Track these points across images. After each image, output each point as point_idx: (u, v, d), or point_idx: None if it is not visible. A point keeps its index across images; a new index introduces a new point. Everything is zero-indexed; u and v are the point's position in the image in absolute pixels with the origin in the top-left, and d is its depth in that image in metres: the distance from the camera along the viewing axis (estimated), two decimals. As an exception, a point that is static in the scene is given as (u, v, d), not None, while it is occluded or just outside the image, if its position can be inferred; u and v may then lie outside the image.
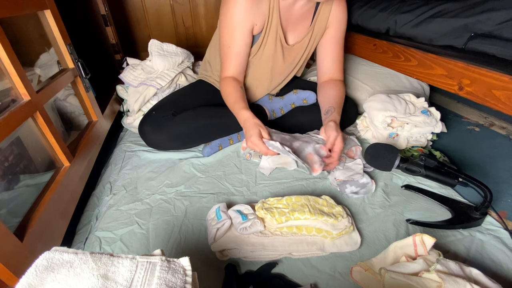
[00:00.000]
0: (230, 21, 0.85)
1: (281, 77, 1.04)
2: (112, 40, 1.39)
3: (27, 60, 0.72)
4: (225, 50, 0.90)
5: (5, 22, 0.58)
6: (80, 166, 0.78)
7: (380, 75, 1.20)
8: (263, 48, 0.93)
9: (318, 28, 0.95)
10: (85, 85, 0.93)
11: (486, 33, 0.67)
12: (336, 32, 0.96)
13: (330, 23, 0.95)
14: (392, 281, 0.48)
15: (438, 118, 0.95)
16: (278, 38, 0.91)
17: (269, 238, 0.62)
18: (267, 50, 0.93)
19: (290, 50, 0.96)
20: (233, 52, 0.89)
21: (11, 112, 0.55)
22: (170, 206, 0.77)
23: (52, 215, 0.61)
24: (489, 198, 0.63)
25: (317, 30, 0.95)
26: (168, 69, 1.17)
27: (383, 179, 0.84)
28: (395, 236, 0.66)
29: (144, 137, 0.98)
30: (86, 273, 0.32)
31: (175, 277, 0.33)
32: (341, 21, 0.95)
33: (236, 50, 0.89)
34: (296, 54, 0.99)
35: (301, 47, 0.97)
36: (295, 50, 0.97)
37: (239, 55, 0.90)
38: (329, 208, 0.65)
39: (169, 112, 0.97)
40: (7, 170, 0.58)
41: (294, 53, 0.98)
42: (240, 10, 0.83)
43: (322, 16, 0.93)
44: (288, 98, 1.04)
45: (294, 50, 0.97)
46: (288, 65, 1.01)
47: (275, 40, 0.91)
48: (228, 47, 0.89)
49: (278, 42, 0.92)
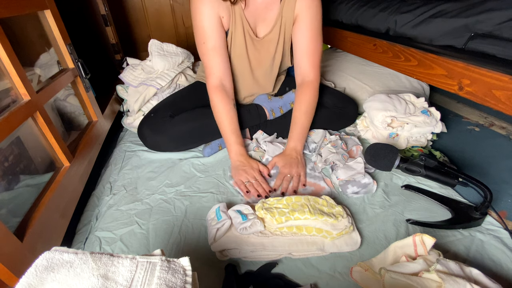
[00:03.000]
0: (199, 17, 0.85)
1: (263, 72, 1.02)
2: (112, 40, 1.39)
3: (27, 60, 0.72)
4: (202, 48, 0.89)
5: (5, 22, 0.58)
6: (80, 166, 0.78)
7: (380, 75, 1.20)
8: (235, 43, 0.91)
9: (287, 17, 0.90)
10: (85, 85, 0.93)
11: (486, 33, 0.67)
12: (304, 19, 0.89)
13: (299, 10, 0.89)
14: (392, 281, 0.48)
15: (438, 118, 0.95)
16: (246, 31, 0.90)
17: (269, 238, 0.62)
18: (238, 44, 0.92)
19: (261, 43, 0.94)
20: (209, 46, 0.87)
21: (11, 112, 0.55)
22: (170, 206, 0.77)
23: (52, 215, 0.61)
24: (489, 198, 0.63)
25: (286, 18, 0.90)
26: (168, 69, 1.17)
27: (383, 179, 0.84)
28: (395, 236, 0.66)
29: (143, 139, 0.98)
30: (86, 273, 0.32)
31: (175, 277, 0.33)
32: (310, 7, 0.88)
33: (212, 43, 0.86)
34: (268, 46, 0.95)
35: (272, 38, 0.94)
36: (267, 42, 0.94)
37: (216, 50, 0.87)
38: (329, 208, 0.65)
39: (167, 114, 0.97)
40: (7, 170, 0.58)
41: (266, 45, 0.95)
42: (204, 3, 0.83)
43: (289, 3, 0.89)
44: (287, 97, 1.04)
45: (266, 42, 0.95)
46: (265, 59, 0.98)
47: (243, 32, 0.90)
48: (203, 43, 0.87)
49: (247, 35, 0.91)
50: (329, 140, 0.96)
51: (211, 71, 0.89)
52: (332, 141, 0.94)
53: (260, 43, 0.94)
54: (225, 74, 0.90)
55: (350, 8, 1.15)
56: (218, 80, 0.89)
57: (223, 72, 0.90)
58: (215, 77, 0.89)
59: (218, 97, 0.88)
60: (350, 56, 1.33)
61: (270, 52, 0.97)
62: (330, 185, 0.82)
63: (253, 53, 0.96)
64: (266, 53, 0.97)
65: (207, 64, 0.89)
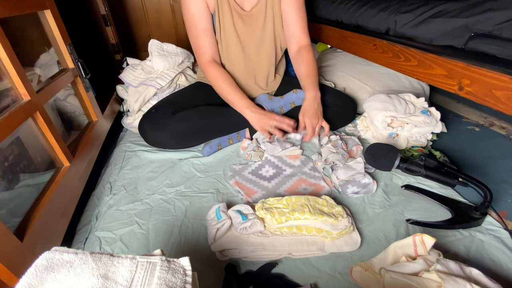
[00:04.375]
0: (188, 4, 0.92)
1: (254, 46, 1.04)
2: (112, 40, 1.39)
3: (27, 60, 0.72)
4: (192, 31, 0.95)
5: (5, 22, 0.58)
6: (80, 166, 0.78)
7: (380, 75, 1.20)
8: (223, 22, 0.96)
9: None
10: (85, 85, 0.93)
11: (486, 33, 0.67)
12: None
13: None
14: (392, 281, 0.48)
15: (438, 118, 0.95)
16: (232, 8, 0.95)
17: (269, 238, 0.62)
18: (226, 22, 0.96)
19: (250, 16, 0.98)
20: (200, 28, 0.94)
21: (11, 112, 0.55)
22: (170, 206, 0.77)
23: (52, 215, 0.61)
24: (489, 198, 0.63)
25: None
26: (168, 69, 1.17)
27: (383, 179, 0.84)
28: (395, 236, 0.66)
29: (144, 135, 0.98)
30: (86, 273, 0.32)
31: (175, 277, 0.33)
32: None
33: (201, 25, 0.94)
34: (257, 19, 1.00)
35: (260, 10, 0.99)
36: (255, 15, 0.99)
37: (206, 31, 0.95)
38: (329, 208, 0.65)
39: (169, 110, 0.97)
40: (7, 170, 0.58)
41: (255, 18, 0.99)
42: None
43: None
44: (288, 97, 1.04)
45: (254, 16, 0.99)
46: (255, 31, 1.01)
47: (230, 10, 0.95)
48: (194, 27, 0.94)
49: (234, 11, 0.96)
50: (330, 139, 0.96)
51: (203, 50, 0.97)
52: (332, 141, 0.94)
53: (248, 16, 0.98)
54: (215, 52, 0.99)
55: (350, 8, 1.15)
56: (210, 57, 0.97)
57: (213, 50, 0.98)
58: (207, 55, 0.97)
59: (213, 69, 0.97)
60: (350, 56, 1.32)
61: (259, 24, 1.01)
62: (330, 185, 0.82)
63: (242, 28, 0.99)
64: (255, 26, 1.01)
65: (199, 44, 0.96)
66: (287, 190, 0.81)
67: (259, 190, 0.81)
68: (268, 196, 0.77)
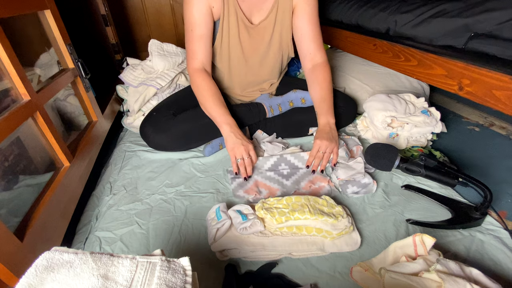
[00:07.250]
0: (190, 5, 0.88)
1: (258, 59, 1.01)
2: (112, 40, 1.39)
3: (27, 60, 0.72)
4: (189, 35, 0.91)
5: (5, 22, 0.58)
6: (80, 166, 0.78)
7: (380, 75, 1.20)
8: (227, 30, 0.93)
9: (284, 7, 0.93)
10: (85, 85, 0.93)
11: (486, 33, 0.67)
12: (305, 9, 0.93)
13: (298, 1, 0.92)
14: (392, 281, 0.48)
15: (438, 118, 0.95)
16: (239, 19, 0.91)
17: (269, 238, 0.62)
18: (232, 32, 0.93)
19: (256, 30, 0.95)
20: (196, 34, 0.89)
21: (11, 112, 0.55)
22: (170, 206, 0.77)
23: (52, 215, 0.61)
24: (489, 198, 0.63)
25: (283, 7, 0.93)
26: (168, 69, 1.17)
27: (383, 179, 0.84)
28: (395, 236, 0.66)
29: (146, 139, 0.98)
30: (86, 273, 0.32)
31: (175, 277, 0.33)
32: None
33: (199, 32, 0.89)
34: (264, 33, 0.96)
35: (268, 24, 0.95)
36: (262, 29, 0.95)
37: (203, 38, 0.90)
38: (329, 208, 0.65)
39: (170, 112, 0.97)
40: (7, 170, 0.58)
41: (262, 32, 0.96)
42: None
43: None
44: (287, 96, 1.04)
45: (261, 29, 0.95)
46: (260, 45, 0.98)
47: (236, 21, 0.91)
48: (191, 30, 0.90)
49: (241, 23, 0.92)
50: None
51: (194, 55, 0.92)
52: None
53: (255, 30, 0.95)
54: (207, 60, 0.94)
55: (350, 8, 1.15)
56: (200, 64, 0.93)
57: (206, 58, 0.93)
58: (198, 61, 0.93)
59: (200, 77, 0.92)
60: (350, 56, 1.33)
61: (265, 39, 0.98)
62: (330, 185, 0.82)
63: (247, 40, 0.96)
64: (261, 40, 0.98)
65: (192, 49, 0.92)
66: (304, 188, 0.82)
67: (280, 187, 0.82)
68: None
